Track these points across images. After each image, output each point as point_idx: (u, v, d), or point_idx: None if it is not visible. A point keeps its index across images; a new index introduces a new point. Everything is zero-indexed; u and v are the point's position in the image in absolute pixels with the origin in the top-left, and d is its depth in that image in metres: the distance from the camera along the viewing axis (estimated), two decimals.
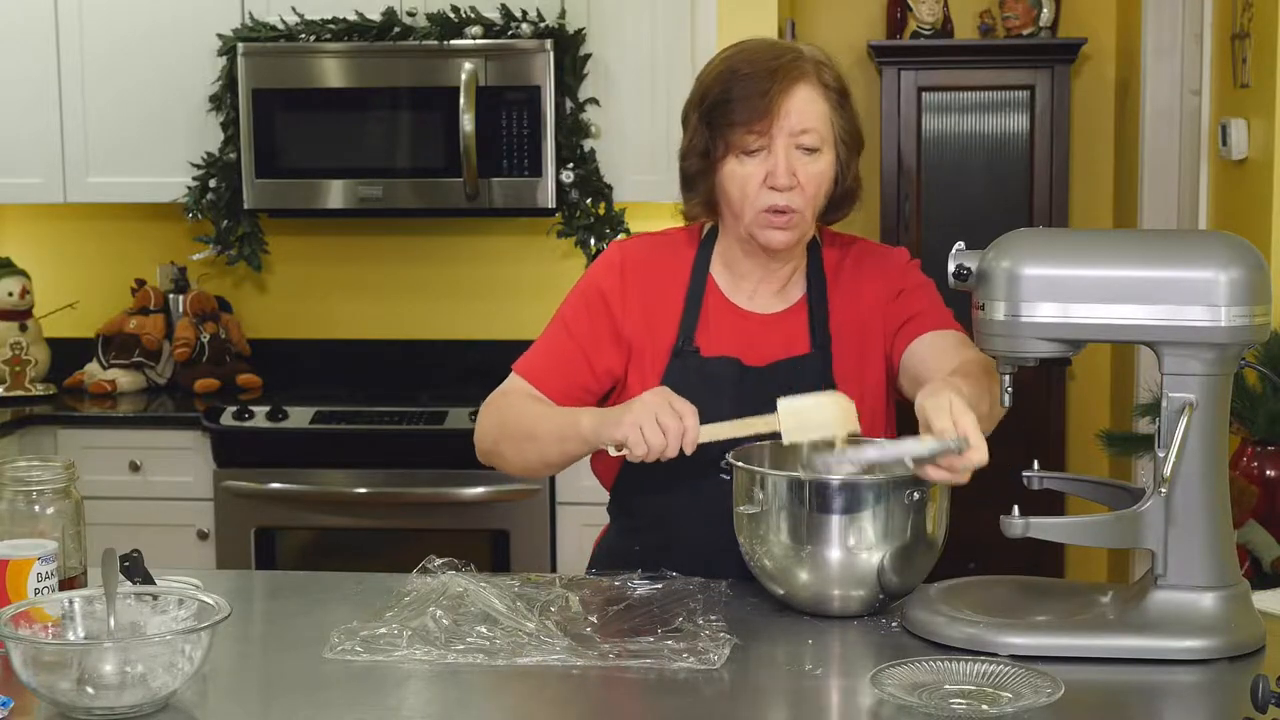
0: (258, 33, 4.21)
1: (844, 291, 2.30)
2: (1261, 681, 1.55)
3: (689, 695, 1.78)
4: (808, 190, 2.18)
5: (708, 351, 2.26)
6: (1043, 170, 4.82)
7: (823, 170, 2.19)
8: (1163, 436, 1.88)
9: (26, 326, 4.45)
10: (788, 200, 2.17)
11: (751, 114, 2.15)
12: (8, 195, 4.43)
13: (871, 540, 1.97)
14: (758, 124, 2.15)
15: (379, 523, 4.02)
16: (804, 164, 2.17)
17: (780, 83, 2.15)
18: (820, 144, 2.17)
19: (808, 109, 2.16)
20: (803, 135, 2.16)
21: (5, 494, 2.02)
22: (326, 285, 4.66)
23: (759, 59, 2.18)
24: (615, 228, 4.25)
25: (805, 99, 2.16)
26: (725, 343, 2.26)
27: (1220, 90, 3.92)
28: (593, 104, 4.20)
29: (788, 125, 2.15)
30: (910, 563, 2.00)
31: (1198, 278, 1.84)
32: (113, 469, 4.08)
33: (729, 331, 2.27)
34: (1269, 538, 2.71)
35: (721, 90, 2.18)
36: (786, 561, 2.00)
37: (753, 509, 2.01)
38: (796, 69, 2.16)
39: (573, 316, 2.32)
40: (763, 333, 2.27)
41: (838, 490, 1.97)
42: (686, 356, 2.26)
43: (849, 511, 1.97)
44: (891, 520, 1.97)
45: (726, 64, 2.21)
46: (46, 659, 1.70)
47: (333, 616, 2.03)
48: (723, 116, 2.17)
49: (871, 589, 1.99)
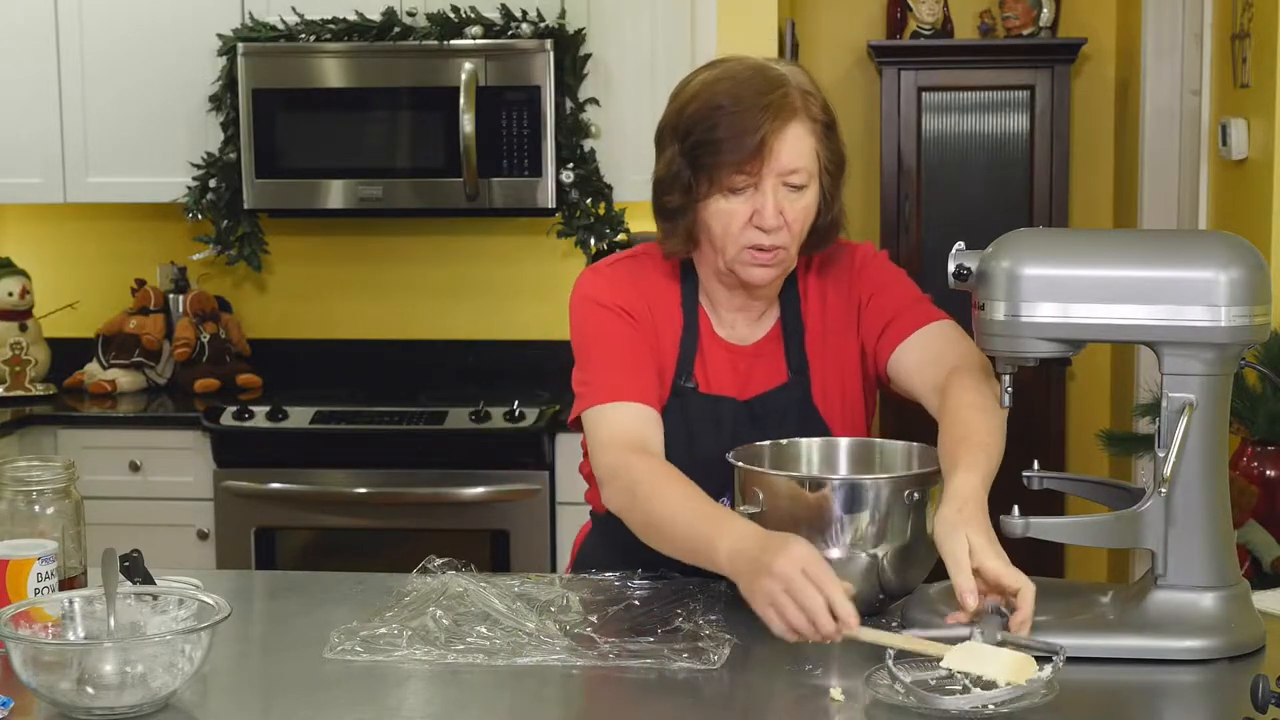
0: (258, 33, 4.21)
1: (815, 305, 2.25)
2: (1261, 681, 1.55)
3: (689, 695, 1.78)
4: (794, 228, 2.11)
5: (705, 388, 2.22)
6: (1043, 170, 4.82)
7: (808, 205, 2.13)
8: (1163, 436, 1.88)
9: (26, 326, 4.45)
10: (774, 240, 2.11)
11: (741, 155, 2.06)
12: (8, 195, 4.43)
13: (871, 539, 1.97)
14: (747, 165, 2.07)
15: (379, 523, 4.02)
16: (790, 201, 2.10)
17: (772, 122, 2.06)
18: (807, 180, 2.11)
19: (797, 147, 2.08)
20: (791, 175, 2.09)
21: (5, 494, 2.02)
22: (326, 285, 4.66)
23: (746, 93, 2.07)
24: (615, 228, 4.25)
25: (795, 137, 2.08)
26: (720, 379, 2.23)
27: (1220, 90, 3.92)
28: (593, 104, 4.20)
29: (777, 166, 2.08)
30: (910, 563, 2.00)
31: (1198, 278, 1.84)
32: (113, 469, 4.08)
33: (723, 367, 2.23)
34: (1269, 538, 2.70)
35: (707, 127, 2.08)
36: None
37: (753, 509, 2.01)
38: (787, 106, 2.07)
39: (607, 329, 2.19)
40: (746, 364, 2.24)
41: (838, 489, 1.97)
42: (686, 395, 2.21)
43: (849, 511, 1.97)
44: (891, 520, 1.97)
45: (711, 95, 2.09)
46: (46, 659, 1.70)
47: (333, 616, 2.03)
48: (709, 155, 2.08)
49: (871, 589, 1.99)
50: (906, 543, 1.98)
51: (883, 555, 1.97)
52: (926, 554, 2.01)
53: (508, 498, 3.97)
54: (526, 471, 3.97)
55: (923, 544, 2.00)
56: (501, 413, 3.98)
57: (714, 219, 2.12)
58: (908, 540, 1.98)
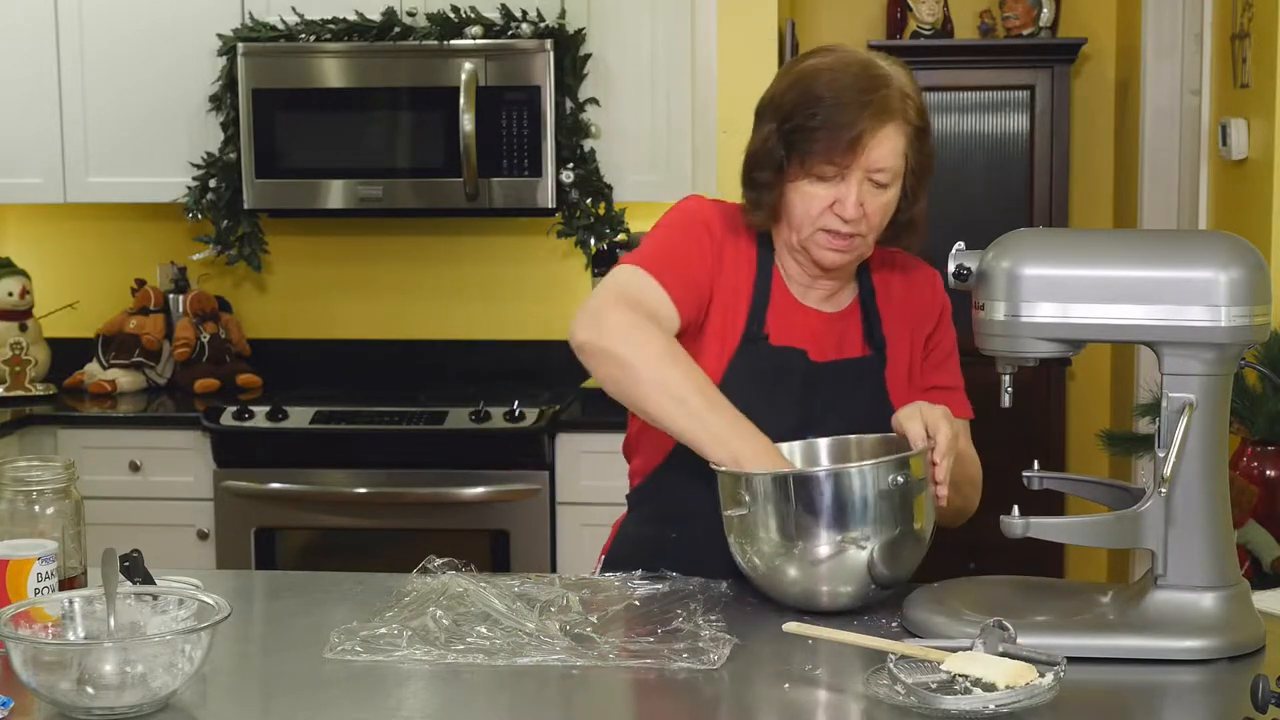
0: (258, 33, 4.22)
1: (888, 305, 2.31)
2: (1261, 681, 1.55)
3: (689, 695, 1.78)
4: (872, 220, 2.17)
5: (776, 340, 2.25)
6: (1043, 170, 4.82)
7: (889, 201, 2.18)
8: (1163, 436, 1.88)
9: (26, 326, 4.45)
10: (850, 229, 2.17)
11: (834, 148, 2.12)
12: (8, 195, 4.43)
13: (859, 527, 1.97)
14: (838, 158, 2.13)
15: (379, 523, 4.02)
16: (872, 196, 2.16)
17: (869, 121, 2.11)
18: (892, 179, 2.16)
19: (888, 146, 2.14)
20: (878, 173, 2.14)
21: (5, 494, 2.02)
22: (326, 285, 4.66)
23: (848, 88, 2.12)
24: (615, 228, 4.25)
25: (887, 137, 2.13)
26: (792, 334, 2.25)
27: (1220, 90, 3.92)
28: (593, 104, 4.20)
29: (866, 162, 2.13)
30: (899, 552, 2.00)
31: (1198, 278, 1.84)
32: (113, 469, 4.08)
33: (796, 323, 2.26)
34: (1269, 538, 2.70)
35: (806, 114, 2.13)
36: (778, 559, 2.00)
37: (740, 511, 2.01)
38: (886, 106, 2.12)
39: (679, 231, 2.24)
40: (823, 330, 2.28)
41: (824, 480, 1.98)
42: (757, 342, 2.24)
43: (836, 501, 1.97)
44: (879, 506, 1.97)
45: (815, 84, 2.14)
46: (46, 659, 1.70)
47: (333, 616, 2.03)
48: (804, 142, 2.13)
49: (862, 581, 2.00)
50: (894, 529, 1.98)
51: (871, 543, 1.97)
52: (915, 544, 2.02)
53: (508, 498, 3.97)
54: (526, 471, 3.97)
55: (910, 533, 2.01)
56: (501, 413, 3.98)
57: (798, 199, 2.18)
58: (895, 527, 1.99)
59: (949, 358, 2.35)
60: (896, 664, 1.73)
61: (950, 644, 1.79)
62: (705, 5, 4.17)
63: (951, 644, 1.79)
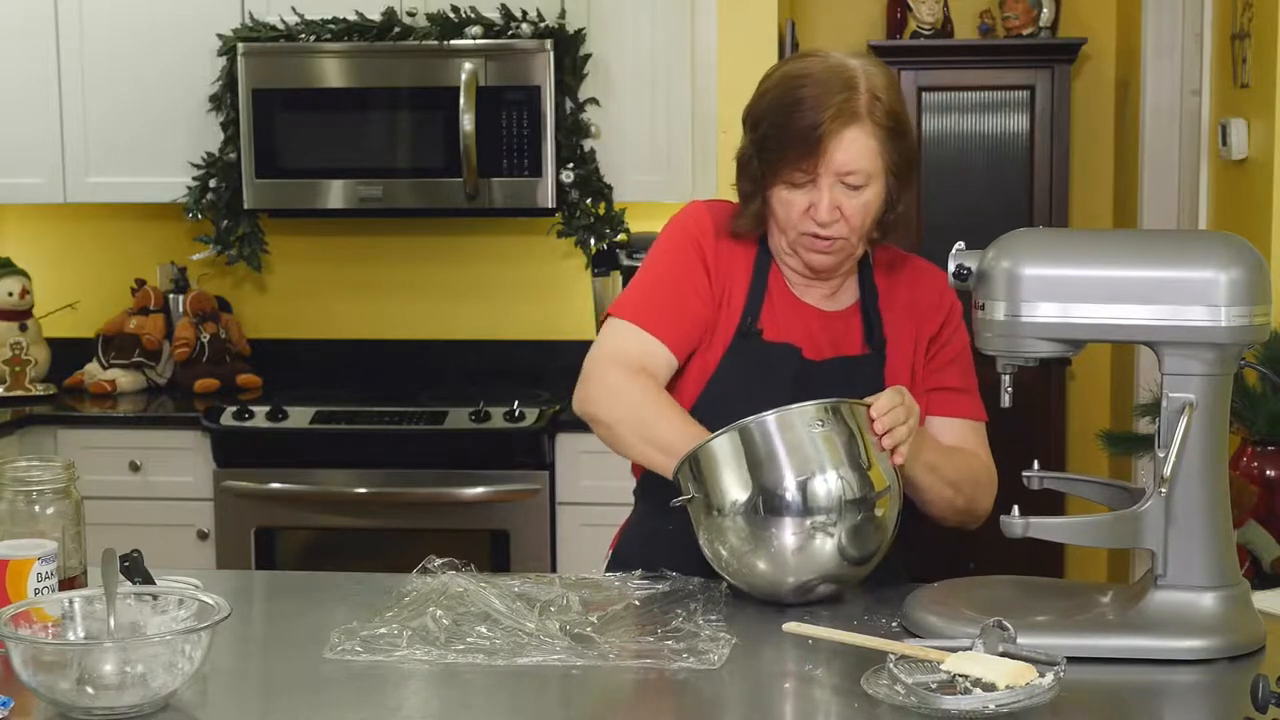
0: (258, 33, 4.22)
1: (889, 305, 2.31)
2: (1261, 681, 1.55)
3: (689, 695, 1.78)
4: (852, 221, 2.19)
5: (770, 336, 2.27)
6: (1043, 170, 4.82)
7: (868, 201, 2.19)
8: (1163, 436, 1.88)
9: (26, 326, 4.45)
10: (830, 231, 2.19)
11: (800, 153, 2.15)
12: (8, 195, 4.43)
13: (793, 466, 1.99)
14: (804, 163, 2.15)
15: (379, 523, 4.02)
16: (848, 198, 2.17)
17: (830, 125, 2.13)
18: (866, 180, 2.17)
19: (855, 149, 2.15)
20: (849, 175, 2.16)
21: (5, 494, 2.02)
22: (326, 285, 4.66)
23: (813, 93, 2.15)
24: (615, 227, 4.25)
25: (853, 140, 2.15)
26: (787, 330, 2.27)
27: (1220, 90, 3.92)
28: (593, 104, 4.20)
29: (833, 166, 2.15)
30: (856, 494, 2.00)
31: (1198, 278, 1.84)
32: (113, 469, 4.08)
33: (794, 320, 2.28)
34: (1269, 538, 2.70)
35: (772, 121, 2.17)
36: (736, 539, 2.02)
37: (685, 498, 2.05)
38: (848, 110, 2.14)
39: (670, 259, 2.30)
40: (821, 327, 2.29)
41: (746, 430, 2.01)
42: (751, 338, 2.26)
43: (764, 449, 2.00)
44: (810, 447, 2.00)
45: (782, 90, 2.18)
46: (46, 659, 1.70)
47: (333, 616, 2.03)
48: (771, 150, 2.17)
49: (831, 558, 2.00)
50: (839, 474, 1.99)
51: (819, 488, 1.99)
52: (868, 486, 2.01)
53: (508, 498, 3.97)
54: (526, 471, 3.97)
55: (862, 477, 2.01)
56: (501, 413, 3.98)
57: (778, 205, 2.22)
58: (837, 472, 1.99)
59: (957, 359, 2.34)
60: (896, 664, 1.73)
61: (950, 644, 1.79)
62: (705, 5, 4.17)
63: (951, 644, 1.79)
